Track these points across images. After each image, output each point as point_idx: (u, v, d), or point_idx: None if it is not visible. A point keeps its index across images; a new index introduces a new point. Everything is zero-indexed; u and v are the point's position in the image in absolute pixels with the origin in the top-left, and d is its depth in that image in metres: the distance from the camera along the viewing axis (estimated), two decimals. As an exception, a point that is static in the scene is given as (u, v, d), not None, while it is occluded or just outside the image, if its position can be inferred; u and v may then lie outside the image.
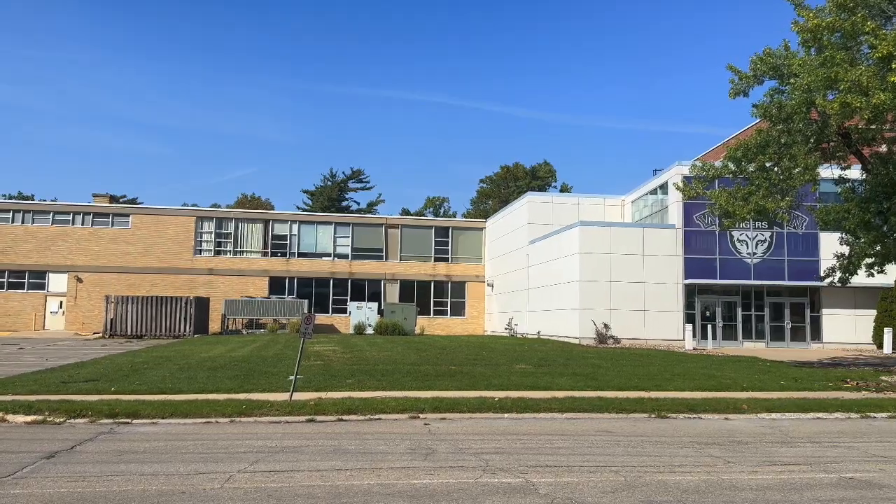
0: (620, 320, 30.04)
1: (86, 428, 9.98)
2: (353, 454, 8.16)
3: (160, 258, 44.07)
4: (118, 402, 11.58)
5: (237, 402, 11.95)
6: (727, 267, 31.06)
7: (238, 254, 45.41)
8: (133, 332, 36.04)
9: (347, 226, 47.59)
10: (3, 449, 8.27)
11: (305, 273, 45.80)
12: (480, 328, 46.86)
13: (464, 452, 8.30)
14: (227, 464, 7.52)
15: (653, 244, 30.84)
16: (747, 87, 19.17)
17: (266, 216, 47.58)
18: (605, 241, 30.62)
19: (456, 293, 47.75)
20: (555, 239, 33.49)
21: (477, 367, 18.77)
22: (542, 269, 35.05)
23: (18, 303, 42.44)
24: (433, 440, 9.15)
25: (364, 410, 11.45)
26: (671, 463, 7.91)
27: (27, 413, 10.79)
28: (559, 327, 32.28)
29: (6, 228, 42.98)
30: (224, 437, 9.34)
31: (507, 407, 11.93)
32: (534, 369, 18.54)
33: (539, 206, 38.02)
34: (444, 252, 47.97)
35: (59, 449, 8.26)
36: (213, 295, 43.13)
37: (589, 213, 36.75)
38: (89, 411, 10.84)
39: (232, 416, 10.95)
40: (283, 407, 11.62)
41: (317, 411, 11.36)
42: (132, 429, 10.00)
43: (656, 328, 30.36)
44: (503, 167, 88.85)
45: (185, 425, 10.39)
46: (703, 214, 31.12)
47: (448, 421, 10.97)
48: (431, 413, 11.44)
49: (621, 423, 10.96)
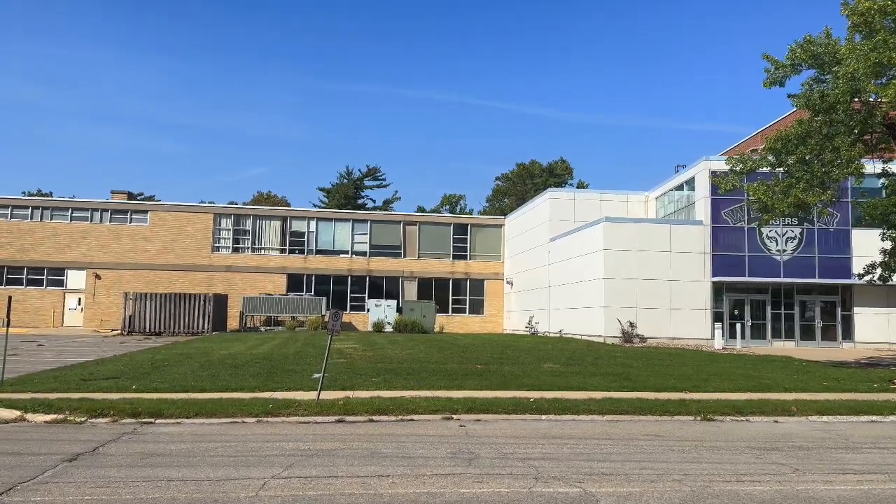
0: (646, 319, 29.35)
1: (108, 428, 9.57)
2: (391, 458, 7.65)
3: (178, 255, 43.89)
4: (140, 401, 11.17)
5: (263, 401, 11.51)
6: (756, 264, 30.27)
7: (256, 251, 45.14)
8: (151, 329, 35.83)
9: (365, 223, 47.18)
10: (24, 451, 7.85)
11: (323, 270, 45.44)
12: (499, 326, 46.29)
13: (509, 458, 7.77)
14: (259, 468, 7.05)
15: (679, 241, 30.11)
16: (784, 76, 18.46)
17: (284, 213, 47.26)
18: (630, 237, 29.92)
19: (474, 291, 47.19)
20: (578, 235, 32.83)
21: (504, 366, 18.23)
22: (564, 266, 34.41)
23: (37, 300, 42.42)
24: (473, 443, 8.63)
25: (395, 411, 10.96)
26: (735, 471, 7.34)
27: (47, 412, 10.41)
28: (582, 326, 31.63)
29: (25, 225, 42.98)
30: (252, 438, 8.88)
31: (544, 408, 11.40)
32: (563, 368, 17.97)
33: (560, 202, 37.35)
34: (463, 249, 47.42)
35: (81, 451, 7.82)
36: (231, 292, 42.89)
37: (611, 209, 36.00)
38: (111, 410, 10.44)
39: (258, 416, 10.51)
40: (311, 406, 11.15)
41: (346, 411, 10.89)
42: (156, 429, 9.57)
43: (683, 327, 29.63)
44: (519, 165, 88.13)
45: (211, 425, 9.95)
46: (732, 210, 30.36)
47: (484, 423, 10.46)
48: (465, 414, 10.93)
49: (667, 427, 10.38)
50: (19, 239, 42.72)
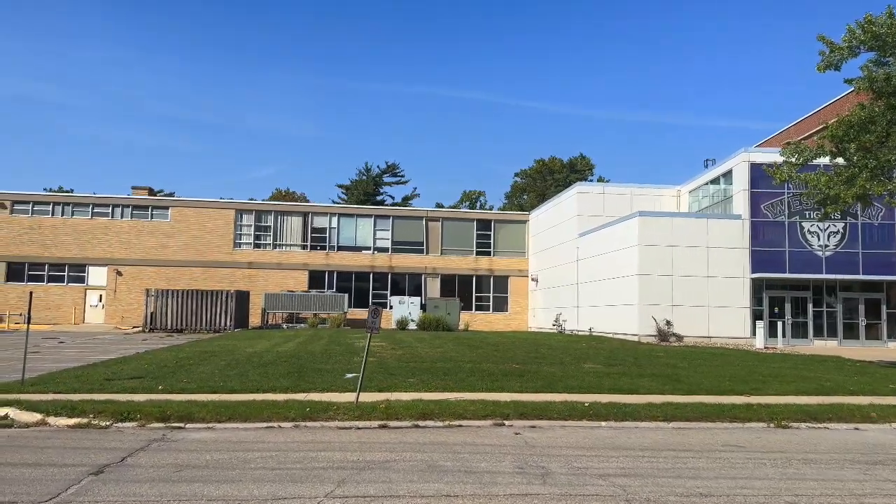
0: (682, 317, 28.27)
1: (135, 433, 8.82)
2: (453, 473, 6.81)
3: (199, 251, 43.40)
4: (168, 403, 10.42)
5: (298, 403, 10.72)
6: (797, 260, 29.07)
7: (277, 247, 44.55)
8: (173, 326, 35.32)
9: (387, 218, 46.41)
10: (45, 461, 7.10)
11: (345, 267, 44.76)
12: (524, 324, 45.34)
13: (585, 474, 6.89)
14: (308, 485, 6.23)
15: (717, 236, 28.98)
16: (840, 59, 17.36)
17: (305, 209, 46.59)
18: (665, 232, 28.84)
19: (498, 288, 46.27)
20: (609, 231, 31.79)
21: (542, 366, 17.33)
22: (594, 262, 33.38)
23: (59, 296, 42.13)
24: (537, 455, 7.77)
25: (441, 415, 10.13)
26: (849, 490, 6.41)
27: (70, 415, 9.68)
28: (614, 324, 30.60)
29: (46, 221, 42.70)
30: (293, 446, 8.08)
31: (601, 414, 10.50)
32: (605, 369, 17.04)
33: (589, 197, 36.28)
34: (486, 246, 46.51)
35: (108, 462, 7.06)
36: (253, 289, 42.32)
37: (642, 204, 34.92)
38: (138, 413, 9.70)
39: (296, 421, 9.73)
40: (351, 410, 10.34)
41: (389, 416, 10.07)
42: (186, 434, 8.81)
43: (721, 325, 28.52)
44: (538, 161, 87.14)
45: (246, 430, 9.18)
46: (772, 204, 29.18)
47: (540, 430, 9.59)
48: (517, 419, 10.07)
49: (743, 435, 9.45)
50: (41, 235, 42.45)
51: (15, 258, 42.09)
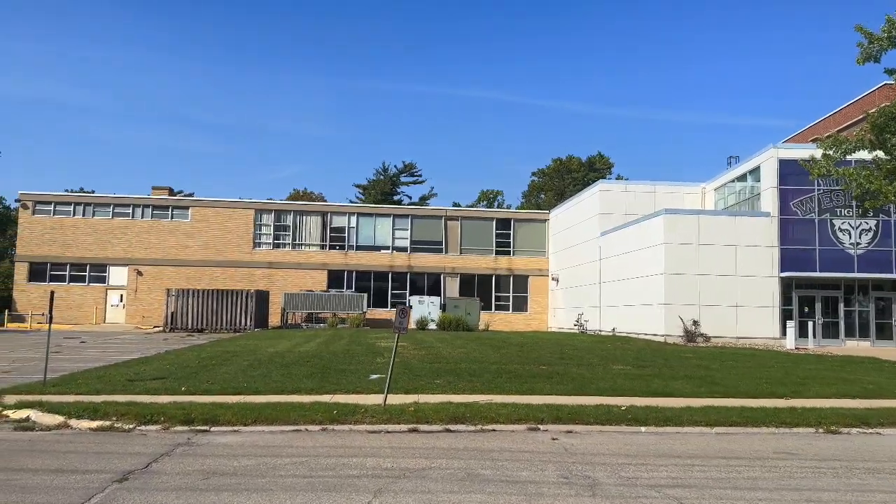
0: (709, 317, 27.62)
1: (159, 437, 8.53)
2: (494, 483, 6.42)
3: (219, 251, 43.37)
4: (192, 406, 10.14)
5: (325, 406, 10.40)
6: (827, 258, 28.31)
7: (297, 247, 44.40)
8: (194, 325, 35.25)
9: (406, 218, 46.09)
10: (67, 467, 6.82)
11: (364, 266, 44.52)
12: (544, 324, 44.81)
13: (635, 484, 6.48)
14: (343, 495, 5.88)
15: (745, 234, 28.30)
16: (879, 51, 16.79)
17: (324, 209, 46.40)
18: (691, 230, 28.21)
19: (518, 287, 45.78)
20: (634, 229, 31.19)
21: (570, 367, 16.89)
22: (617, 261, 32.81)
23: (80, 296, 42.28)
24: (580, 464, 7.36)
25: (472, 419, 9.76)
26: (924, 504, 5.94)
27: (93, 417, 9.43)
28: (639, 324, 30.02)
29: (68, 221, 42.88)
30: (323, 451, 7.74)
31: (640, 418, 10.06)
32: (636, 371, 16.56)
33: (612, 195, 35.67)
34: (506, 245, 46.04)
35: (133, 468, 6.77)
36: (272, 288, 42.20)
37: (665, 201, 34.27)
38: (161, 416, 9.43)
39: (323, 424, 9.41)
40: (379, 413, 10.00)
41: (418, 419, 9.72)
42: (212, 438, 8.51)
43: (749, 325, 27.84)
44: (555, 160, 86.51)
45: (273, 434, 8.87)
46: (802, 201, 28.45)
47: (577, 435, 9.18)
48: (552, 424, 9.67)
49: (792, 442, 8.98)
50: (62, 235, 42.63)
51: (37, 258, 42.31)
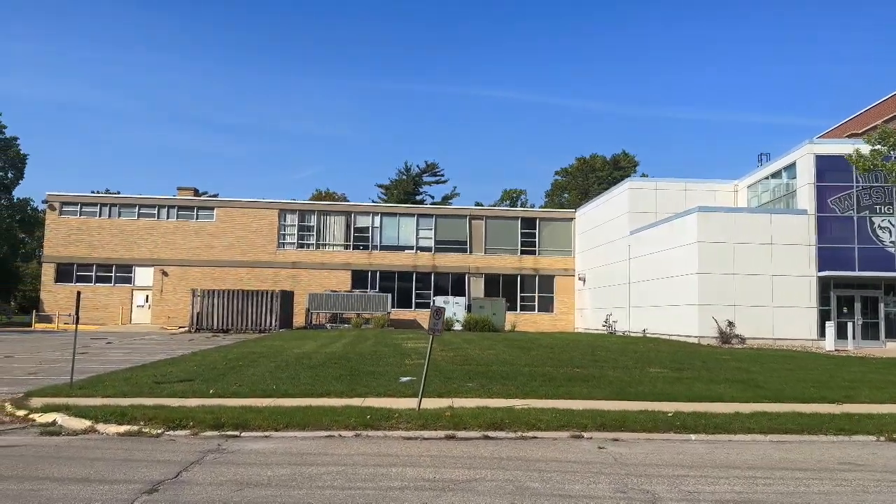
0: (744, 317, 26.86)
1: (188, 443, 8.21)
2: (546, 498, 5.98)
3: (244, 251, 43.37)
4: (222, 410, 9.83)
5: (357, 410, 10.03)
6: (866, 257, 27.38)
7: (320, 247, 44.25)
8: (219, 326, 35.20)
9: (430, 217, 45.72)
10: (94, 476, 6.50)
11: (388, 266, 44.23)
12: (570, 325, 44.17)
13: (698, 500, 6.00)
14: (385, 510, 5.48)
15: (780, 232, 27.48)
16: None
17: (348, 208, 46.19)
18: (726, 228, 27.45)
19: (544, 287, 45.17)
20: (666, 227, 30.48)
21: (605, 370, 16.35)
22: (647, 261, 32.11)
23: (106, 297, 42.51)
24: (636, 476, 6.88)
25: (512, 425, 9.31)
26: None
27: (120, 422, 9.15)
28: (671, 325, 29.31)
29: (94, 222, 43.14)
30: (360, 460, 7.35)
31: (688, 425, 9.53)
32: (674, 374, 15.98)
33: (641, 192, 34.94)
34: (531, 244, 45.46)
35: (162, 478, 6.43)
36: (297, 289, 42.09)
37: (697, 199, 33.41)
38: (190, 421, 9.11)
39: (357, 429, 9.03)
40: (413, 418, 9.60)
41: (455, 425, 9.30)
42: (243, 445, 8.17)
43: (786, 326, 27.02)
44: (578, 159, 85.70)
45: (305, 440, 8.50)
46: (840, 198, 27.56)
47: (624, 444, 8.69)
48: (596, 431, 9.20)
49: (855, 451, 8.41)
50: (88, 236, 42.90)
51: (63, 259, 42.63)
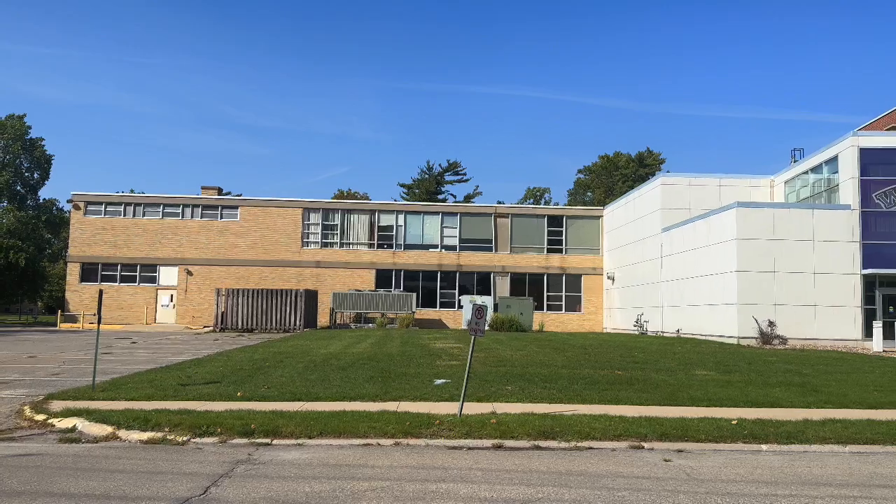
0: (785, 317, 25.77)
1: (216, 452, 7.59)
2: (624, 522, 5.24)
3: (268, 250, 42.99)
4: (251, 415, 9.21)
5: (394, 416, 9.36)
6: (914, 254, 26.17)
7: (344, 245, 43.73)
8: (244, 325, 34.80)
9: (455, 215, 44.98)
10: (114, 492, 5.88)
11: (412, 265, 43.58)
12: (598, 324, 43.19)
13: (802, 525, 5.21)
14: (444, 537, 4.77)
15: (823, 228, 26.34)
16: None
17: (372, 207, 45.59)
18: (766, 224, 26.37)
19: (571, 287, 44.22)
20: (702, 223, 29.42)
21: (648, 373, 15.51)
22: (682, 258, 31.08)
23: (130, 296, 42.36)
24: (716, 495, 6.11)
25: (563, 434, 8.58)
26: None
27: (143, 428, 8.55)
28: (707, 325, 28.28)
29: (118, 222, 43.03)
30: (404, 474, 6.66)
31: (756, 434, 8.72)
32: (721, 376, 15.10)
33: (675, 189, 33.86)
34: (558, 243, 44.52)
35: (189, 494, 5.79)
36: (320, 288, 41.61)
37: (732, 195, 32.32)
38: (218, 427, 8.50)
39: (396, 437, 8.37)
40: (455, 425, 8.90)
41: (501, 433, 8.59)
42: (275, 454, 7.53)
43: (828, 326, 25.89)
44: (602, 157, 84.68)
45: (342, 449, 7.85)
46: (885, 192, 26.37)
47: (691, 455, 7.91)
48: (657, 441, 8.43)
49: (953, 465, 7.53)
50: (113, 236, 42.79)
51: (88, 259, 42.56)
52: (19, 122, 60.83)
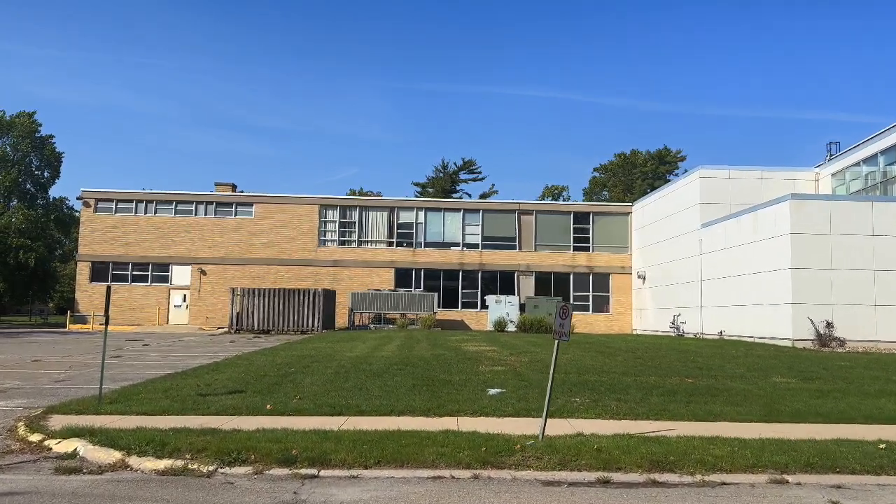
0: (842, 318, 23.91)
1: (252, 487, 5.96)
2: None
3: (284, 249, 41.39)
4: (289, 436, 7.57)
5: (461, 437, 7.73)
6: (984, 250, 24.23)
7: (362, 244, 42.08)
8: (260, 326, 33.24)
9: (477, 213, 43.24)
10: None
11: (432, 264, 41.88)
12: (627, 326, 41.37)
13: None
14: None
15: (884, 222, 24.46)
16: None
17: (390, 203, 43.91)
18: (822, 218, 24.51)
19: (598, 286, 42.38)
20: (748, 218, 27.55)
21: (724, 381, 13.74)
22: (724, 256, 29.24)
23: (142, 296, 40.87)
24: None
25: (681, 464, 6.94)
26: None
27: (159, 454, 6.92)
28: (755, 326, 26.43)
29: (130, 219, 41.56)
30: (508, 528, 4.99)
31: (914, 462, 6.99)
32: (803, 384, 13.36)
33: (714, 182, 31.95)
34: (584, 241, 42.71)
35: (228, 567, 4.14)
36: (338, 287, 39.95)
37: (775, 189, 30.46)
38: (251, 453, 6.88)
39: (472, 468, 6.74)
40: (542, 451, 7.27)
41: (605, 463, 6.89)
42: (327, 491, 5.91)
43: (890, 327, 24.01)
44: (618, 155, 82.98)
45: (408, 484, 6.23)
46: (952, 183, 24.46)
47: (855, 494, 6.23)
48: (802, 473, 6.79)
49: None
50: (124, 234, 41.32)
51: (98, 258, 41.10)
52: (29, 119, 59.55)
